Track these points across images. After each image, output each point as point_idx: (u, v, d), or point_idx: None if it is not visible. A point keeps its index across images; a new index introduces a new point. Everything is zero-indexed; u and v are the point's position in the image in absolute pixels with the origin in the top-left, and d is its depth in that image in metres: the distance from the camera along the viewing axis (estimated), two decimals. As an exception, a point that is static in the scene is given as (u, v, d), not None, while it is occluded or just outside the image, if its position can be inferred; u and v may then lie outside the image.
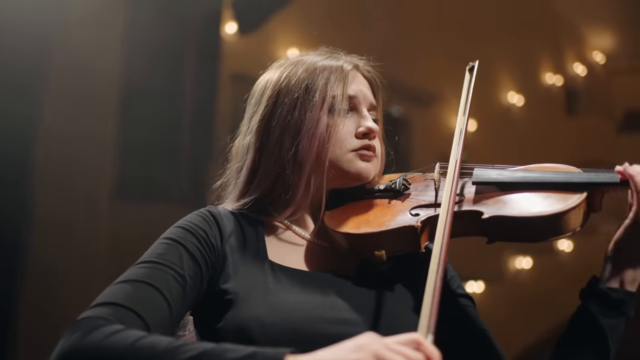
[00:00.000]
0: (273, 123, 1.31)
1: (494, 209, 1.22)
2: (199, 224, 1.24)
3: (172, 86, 3.85)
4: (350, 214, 1.29)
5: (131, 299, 1.08)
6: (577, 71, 6.73)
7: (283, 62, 1.41)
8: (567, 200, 1.22)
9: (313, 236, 1.32)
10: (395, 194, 1.33)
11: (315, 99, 1.29)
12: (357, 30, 4.63)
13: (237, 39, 4.27)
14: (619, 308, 1.25)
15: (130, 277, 1.13)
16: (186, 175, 3.96)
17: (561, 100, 6.76)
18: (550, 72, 6.70)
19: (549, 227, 1.21)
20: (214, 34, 4.12)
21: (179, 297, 1.13)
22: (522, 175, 1.30)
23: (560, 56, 6.72)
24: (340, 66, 1.34)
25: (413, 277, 1.28)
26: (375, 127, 1.33)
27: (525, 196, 1.25)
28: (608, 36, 6.63)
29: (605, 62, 6.81)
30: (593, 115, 6.59)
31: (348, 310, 1.16)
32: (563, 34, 6.59)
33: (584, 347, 1.26)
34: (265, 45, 4.50)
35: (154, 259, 1.15)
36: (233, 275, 1.19)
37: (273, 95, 1.33)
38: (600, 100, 6.94)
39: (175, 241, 1.19)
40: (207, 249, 1.21)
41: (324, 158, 1.28)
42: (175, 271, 1.15)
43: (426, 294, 0.95)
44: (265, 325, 1.11)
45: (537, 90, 6.64)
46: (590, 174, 1.29)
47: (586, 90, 6.86)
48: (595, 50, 6.72)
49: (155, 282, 1.12)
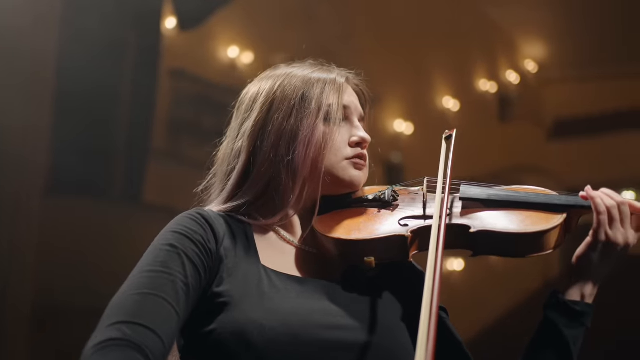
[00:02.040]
0: (268, 128, 1.32)
1: (481, 223, 1.28)
2: (194, 228, 1.22)
3: (110, 80, 3.78)
4: (340, 221, 1.32)
5: (145, 315, 1.07)
6: (510, 79, 6.93)
7: (274, 73, 1.40)
8: (549, 220, 1.29)
9: (301, 242, 1.34)
10: (383, 205, 1.37)
11: (311, 107, 1.31)
12: (299, 29, 4.65)
13: (178, 35, 4.23)
14: (581, 320, 1.32)
15: (139, 289, 1.11)
16: (121, 172, 3.90)
17: (494, 106, 6.94)
18: (484, 79, 6.87)
19: (531, 244, 1.29)
20: (154, 28, 4.07)
21: (185, 307, 1.13)
22: (507, 194, 1.36)
23: (494, 63, 6.89)
24: (334, 78, 1.37)
25: (397, 285, 1.31)
26: (368, 138, 1.38)
27: (510, 214, 1.32)
28: (540, 46, 6.85)
29: (537, 71, 7.03)
30: (524, 122, 6.79)
31: (342, 316, 1.19)
32: (497, 42, 6.77)
33: (548, 356, 1.32)
34: (206, 42, 4.47)
35: (159, 268, 1.14)
36: (227, 278, 1.19)
37: (267, 102, 1.34)
38: (532, 108, 7.15)
39: (177, 248, 1.18)
40: (205, 255, 1.20)
41: (320, 165, 1.30)
42: (182, 281, 1.14)
43: (421, 330, 0.96)
44: (264, 330, 1.11)
45: (471, 96, 6.80)
46: (569, 197, 1.36)
47: (518, 97, 7.06)
48: (527, 59, 6.93)
49: (165, 294, 1.11)
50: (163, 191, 3.95)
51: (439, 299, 0.99)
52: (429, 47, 5.90)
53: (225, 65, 4.53)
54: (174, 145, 4.26)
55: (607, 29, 5.69)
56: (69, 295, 3.51)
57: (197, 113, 4.34)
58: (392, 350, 1.19)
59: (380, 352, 1.17)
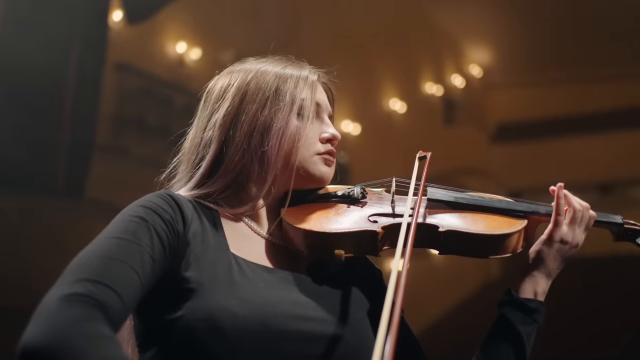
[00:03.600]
0: (241, 119, 1.31)
1: (448, 224, 1.33)
2: (163, 206, 1.20)
3: (55, 72, 3.70)
4: (310, 214, 1.33)
5: (110, 276, 1.05)
6: (455, 83, 7.05)
7: (244, 66, 1.39)
8: (512, 225, 1.36)
9: (269, 233, 1.34)
10: (352, 201, 1.39)
11: (285, 100, 1.32)
12: (247, 27, 4.64)
13: (125, 28, 4.17)
14: (534, 316, 1.36)
15: (107, 252, 1.09)
16: (64, 166, 3.82)
17: (440, 109, 7.06)
18: (431, 82, 6.98)
19: (495, 246, 1.34)
20: (101, 21, 4.00)
21: (149, 280, 1.10)
22: (472, 198, 1.41)
23: (440, 67, 7.01)
24: (307, 75, 1.38)
25: (358, 280, 1.34)
26: (338, 135, 1.39)
27: (476, 216, 1.38)
28: (485, 51, 6.99)
29: (481, 76, 7.17)
30: (468, 126, 6.92)
31: (311, 308, 1.19)
32: (444, 46, 6.89)
33: (503, 352, 1.36)
34: (153, 37, 4.42)
35: (128, 237, 1.12)
36: (195, 263, 1.17)
37: (240, 94, 1.33)
38: (476, 112, 7.30)
39: (146, 221, 1.16)
40: (172, 235, 1.18)
41: (293, 158, 1.31)
42: (149, 253, 1.11)
43: (382, 325, 0.97)
44: (236, 318, 1.11)
45: (418, 98, 6.90)
46: (530, 204, 1.42)
47: (463, 101, 7.19)
48: (473, 64, 7.06)
49: (132, 262, 1.09)
50: (106, 187, 3.89)
51: (404, 296, 1.01)
52: (376, 49, 5.96)
53: (173, 61, 4.50)
54: (119, 140, 4.20)
55: (550, 36, 5.84)
56: (5, 292, 3.42)
57: (142, 108, 4.29)
58: (358, 344, 1.21)
59: (347, 345, 1.19)
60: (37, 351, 0.96)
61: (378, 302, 1.26)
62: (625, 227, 1.40)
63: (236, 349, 1.09)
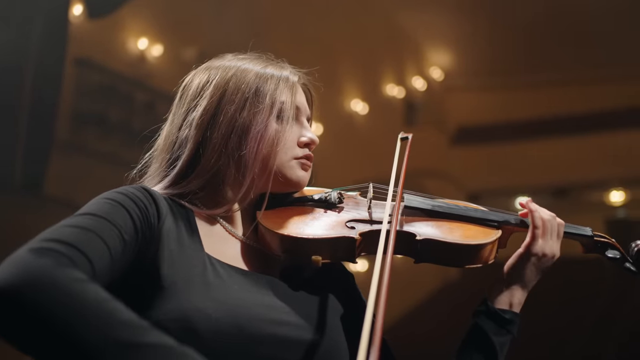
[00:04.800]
0: (219, 119, 1.28)
1: (425, 232, 1.32)
2: (139, 196, 1.17)
3: (13, 66, 3.63)
4: (287, 218, 1.31)
5: (83, 244, 1.02)
6: (416, 85, 7.13)
7: (223, 63, 1.34)
8: (487, 235, 1.35)
9: (244, 235, 1.31)
10: (329, 206, 1.37)
11: (265, 102, 1.29)
12: (210, 25, 4.62)
13: (85, 23, 4.11)
14: (508, 327, 1.36)
15: (80, 224, 1.05)
16: (21, 162, 3.75)
17: (401, 111, 7.12)
18: (392, 84, 7.04)
19: (470, 256, 1.33)
20: (61, 14, 3.93)
21: (119, 259, 1.07)
22: (449, 207, 1.41)
23: (402, 69, 7.07)
24: (287, 76, 1.34)
25: (332, 285, 1.32)
26: (316, 139, 1.36)
27: (452, 225, 1.37)
28: (446, 54, 7.08)
29: (442, 79, 7.26)
30: (429, 128, 7.00)
31: (286, 312, 1.17)
32: (406, 48, 6.95)
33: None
34: (115, 32, 4.37)
35: (103, 216, 1.08)
36: (169, 260, 1.14)
37: (218, 93, 1.30)
38: (436, 114, 7.39)
39: (122, 205, 1.12)
40: (146, 224, 1.14)
41: (271, 161, 1.28)
42: (121, 233, 1.08)
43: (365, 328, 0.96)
44: (211, 320, 1.08)
45: (379, 100, 6.94)
46: (504, 214, 1.43)
47: (424, 103, 7.28)
48: (434, 66, 7.15)
49: (103, 236, 1.05)
50: (65, 184, 3.83)
51: (386, 303, 1.00)
52: (339, 49, 5.99)
53: (134, 57, 4.45)
54: (78, 136, 4.14)
55: (511, 41, 5.94)
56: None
57: (103, 105, 4.24)
58: (332, 350, 1.19)
59: (320, 351, 1.17)
60: (8, 291, 0.90)
61: (351, 308, 1.24)
62: (595, 239, 1.41)
63: (209, 351, 1.05)
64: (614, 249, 1.42)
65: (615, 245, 1.42)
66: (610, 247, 1.42)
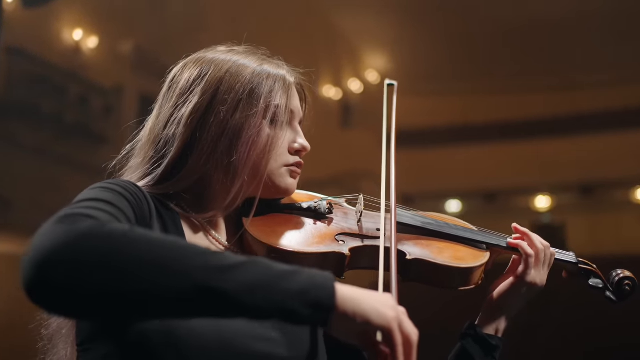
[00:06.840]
0: (210, 120, 1.20)
1: (416, 251, 1.29)
2: (135, 190, 1.11)
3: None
4: (275, 227, 1.26)
5: (104, 212, 0.96)
6: (353, 87, 7.19)
7: (216, 57, 1.28)
8: (477, 257, 1.33)
9: (229, 243, 1.25)
10: (317, 216, 1.33)
11: (259, 105, 1.22)
12: (148, 18, 4.56)
13: (19, 11, 3.99)
14: (493, 353, 1.38)
15: (95, 204, 0.98)
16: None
17: (337, 112, 7.17)
18: (329, 84, 7.07)
19: (461, 278, 1.31)
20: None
21: None
22: (439, 225, 1.39)
23: (339, 71, 7.12)
24: (284, 76, 1.28)
25: None
26: (308, 146, 1.32)
27: (442, 244, 1.34)
28: (383, 58, 7.16)
29: (378, 82, 7.34)
30: (363, 130, 7.07)
31: (272, 328, 1.11)
32: (343, 50, 7.00)
33: None
34: (48, 22, 4.26)
35: (105, 200, 1.02)
36: None
37: (210, 91, 1.21)
38: (372, 117, 7.45)
39: (118, 192, 1.07)
40: (142, 219, 1.09)
41: (262, 168, 1.22)
42: (125, 214, 1.03)
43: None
44: (194, 334, 1.03)
45: (316, 100, 6.95)
46: (492, 236, 1.42)
47: (360, 105, 7.34)
48: (370, 69, 7.22)
49: (115, 213, 1.00)
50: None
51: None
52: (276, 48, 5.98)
53: (69, 48, 4.35)
54: (6, 127, 4.03)
55: (446, 47, 6.05)
56: None
57: (34, 95, 4.12)
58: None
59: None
60: (60, 252, 0.83)
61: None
62: (579, 266, 1.43)
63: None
64: (596, 277, 1.44)
65: (597, 273, 1.44)
66: (593, 274, 1.44)
